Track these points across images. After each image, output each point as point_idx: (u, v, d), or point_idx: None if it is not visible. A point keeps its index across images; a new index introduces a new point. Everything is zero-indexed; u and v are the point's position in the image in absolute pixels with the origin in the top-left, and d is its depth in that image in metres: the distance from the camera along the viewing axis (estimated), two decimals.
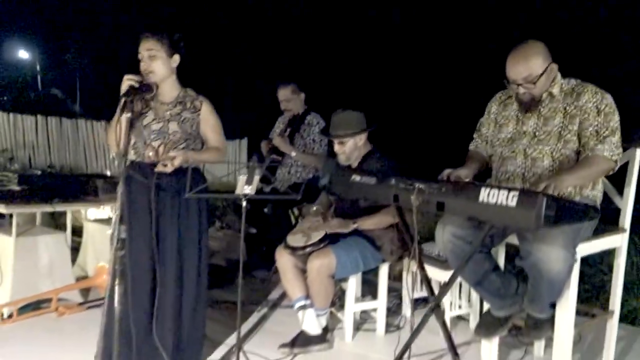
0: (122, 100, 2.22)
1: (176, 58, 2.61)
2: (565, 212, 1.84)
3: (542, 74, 2.33)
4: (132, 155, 2.59)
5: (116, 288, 1.87)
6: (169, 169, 2.49)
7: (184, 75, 2.72)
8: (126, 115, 2.12)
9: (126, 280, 1.91)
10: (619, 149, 2.29)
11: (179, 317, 2.64)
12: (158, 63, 2.53)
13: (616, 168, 2.34)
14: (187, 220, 2.64)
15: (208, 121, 2.70)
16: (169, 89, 2.63)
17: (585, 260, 4.08)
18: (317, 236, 2.95)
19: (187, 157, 2.53)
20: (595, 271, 4.14)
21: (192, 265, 2.66)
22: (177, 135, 2.60)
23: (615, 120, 2.30)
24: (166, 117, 2.61)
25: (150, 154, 2.58)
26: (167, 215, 2.59)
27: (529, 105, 2.43)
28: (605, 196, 2.54)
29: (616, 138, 2.28)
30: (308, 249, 2.91)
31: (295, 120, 4.19)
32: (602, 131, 2.29)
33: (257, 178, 2.43)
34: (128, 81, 2.37)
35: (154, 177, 2.52)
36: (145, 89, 2.29)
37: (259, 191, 2.59)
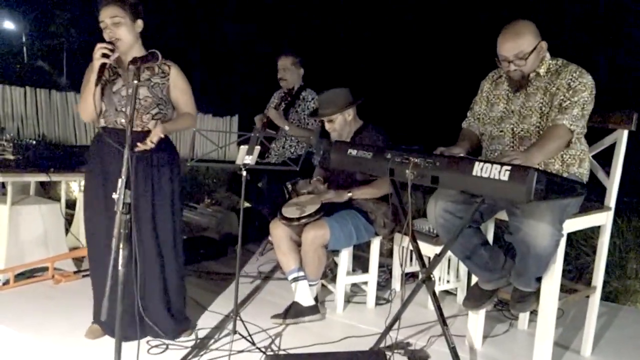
0: (99, 64, 2.30)
1: (140, 23, 2.59)
2: (554, 187, 1.91)
3: (532, 51, 2.38)
4: (102, 123, 2.61)
5: (120, 251, 1.92)
6: (150, 146, 2.49)
7: (175, 52, 2.71)
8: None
9: (129, 244, 1.95)
10: (579, 122, 2.33)
11: (164, 285, 2.71)
12: (124, 29, 2.51)
13: (573, 139, 2.38)
14: (160, 192, 2.66)
15: (178, 85, 2.69)
16: (135, 54, 2.58)
17: (569, 242, 4.23)
18: (312, 208, 3.02)
19: (164, 129, 2.54)
20: (579, 252, 4.25)
21: (168, 235, 2.70)
22: (148, 101, 2.60)
23: (582, 96, 2.33)
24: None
25: (123, 120, 2.58)
26: (141, 186, 2.61)
27: (519, 83, 2.49)
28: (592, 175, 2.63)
29: (577, 110, 2.32)
30: (303, 221, 2.97)
31: (291, 94, 4.22)
32: (565, 103, 2.34)
33: (257, 149, 2.48)
34: (101, 49, 2.36)
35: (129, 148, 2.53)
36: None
37: (256, 164, 2.63)
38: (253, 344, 2.64)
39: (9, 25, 19.81)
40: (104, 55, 2.37)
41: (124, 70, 2.61)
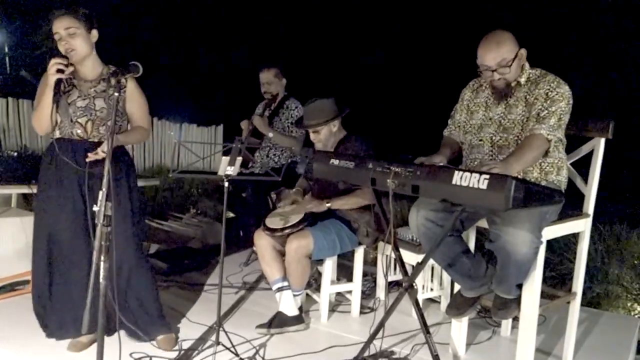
0: (55, 80, 2.36)
1: (95, 33, 2.60)
2: (533, 194, 1.94)
3: (514, 58, 2.42)
4: (57, 134, 2.60)
5: (101, 264, 1.91)
6: (101, 155, 2.47)
7: (159, 62, 2.72)
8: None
9: (111, 257, 1.94)
10: (556, 131, 2.37)
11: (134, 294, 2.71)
12: (79, 40, 2.52)
13: (551, 148, 2.41)
14: (118, 205, 2.61)
15: (134, 98, 2.69)
16: (91, 66, 2.62)
17: (550, 249, 4.27)
18: (295, 218, 3.03)
19: (117, 140, 2.51)
20: (561, 259, 4.30)
21: (130, 245, 2.66)
22: (104, 112, 2.60)
23: (559, 106, 2.37)
24: (91, 94, 2.61)
25: (79, 131, 2.58)
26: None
27: (503, 92, 2.52)
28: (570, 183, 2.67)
29: (554, 120, 2.36)
30: (287, 231, 2.97)
31: (275, 102, 4.23)
32: (543, 113, 2.38)
33: (239, 159, 2.48)
34: (56, 65, 2.38)
35: (84, 159, 2.52)
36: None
37: (238, 174, 2.64)
38: (237, 354, 2.64)
39: None
40: (59, 71, 2.39)
41: (79, 82, 2.61)
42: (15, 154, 3.75)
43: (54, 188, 2.61)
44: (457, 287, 2.75)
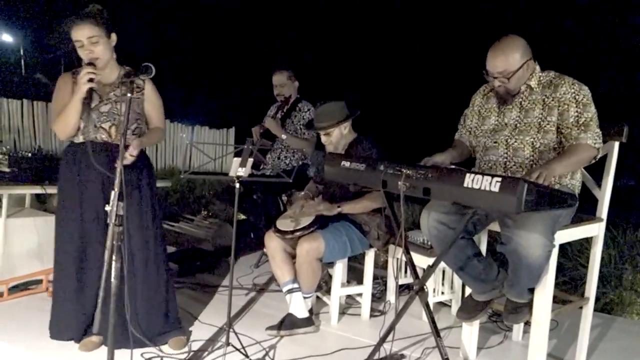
0: (87, 89, 2.41)
1: (114, 37, 2.60)
2: (545, 198, 1.92)
3: (517, 71, 2.41)
4: (80, 138, 2.61)
5: (113, 263, 1.92)
6: (129, 160, 2.49)
7: (174, 65, 2.73)
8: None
9: (122, 256, 1.95)
10: (600, 138, 2.38)
11: (149, 294, 2.71)
12: (101, 48, 2.53)
13: (597, 157, 2.42)
14: (142, 206, 2.68)
15: (152, 100, 2.70)
16: (110, 69, 2.64)
17: (564, 253, 4.24)
18: (306, 221, 3.03)
19: (141, 143, 2.56)
20: (574, 264, 4.26)
21: (153, 246, 2.68)
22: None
23: (593, 110, 2.38)
24: (112, 98, 2.62)
25: (103, 136, 2.60)
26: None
27: (504, 98, 2.53)
28: (584, 187, 2.64)
29: (595, 126, 2.37)
30: (297, 233, 2.98)
31: (287, 104, 4.24)
32: (582, 120, 2.37)
33: (250, 161, 2.48)
34: (88, 75, 2.41)
35: (107, 162, 2.53)
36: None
37: (250, 176, 2.65)
38: (246, 356, 2.64)
39: (7, 37, 19.92)
40: (90, 80, 2.41)
41: (99, 86, 2.61)
42: (30, 154, 3.77)
43: (76, 191, 2.62)
44: (468, 290, 2.73)
